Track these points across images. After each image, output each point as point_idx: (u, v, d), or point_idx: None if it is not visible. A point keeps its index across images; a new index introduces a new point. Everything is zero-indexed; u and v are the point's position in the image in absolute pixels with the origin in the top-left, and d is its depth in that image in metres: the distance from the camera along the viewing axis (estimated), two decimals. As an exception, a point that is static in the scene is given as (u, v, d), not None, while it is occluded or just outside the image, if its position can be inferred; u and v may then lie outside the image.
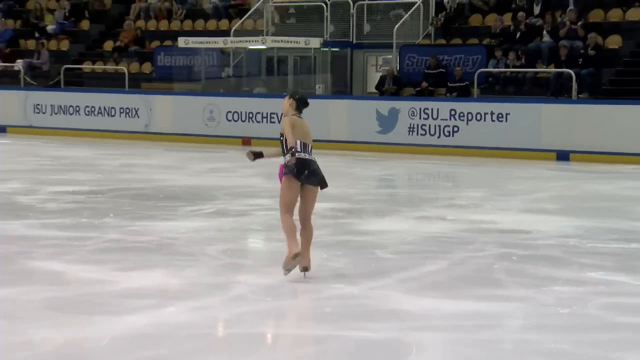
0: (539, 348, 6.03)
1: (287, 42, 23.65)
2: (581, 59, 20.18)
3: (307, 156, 7.56)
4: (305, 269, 7.60)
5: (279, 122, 21.57)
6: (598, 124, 18.71)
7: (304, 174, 7.51)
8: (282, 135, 7.65)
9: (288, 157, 7.48)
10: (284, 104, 7.84)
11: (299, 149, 7.50)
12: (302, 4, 25.83)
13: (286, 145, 7.53)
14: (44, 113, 24.82)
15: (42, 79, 26.70)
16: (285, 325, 6.65)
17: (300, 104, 7.78)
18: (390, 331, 6.35)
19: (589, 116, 18.96)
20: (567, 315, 6.83)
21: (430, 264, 8.55)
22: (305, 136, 7.63)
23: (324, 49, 23.87)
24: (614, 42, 21.07)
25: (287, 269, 7.47)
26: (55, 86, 26.07)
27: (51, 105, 24.73)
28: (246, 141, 21.80)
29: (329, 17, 24.21)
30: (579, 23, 21.13)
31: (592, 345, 6.08)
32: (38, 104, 24.93)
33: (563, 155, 18.83)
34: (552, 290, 7.57)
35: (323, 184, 7.68)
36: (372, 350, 5.99)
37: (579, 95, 19.86)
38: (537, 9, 22.33)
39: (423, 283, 7.86)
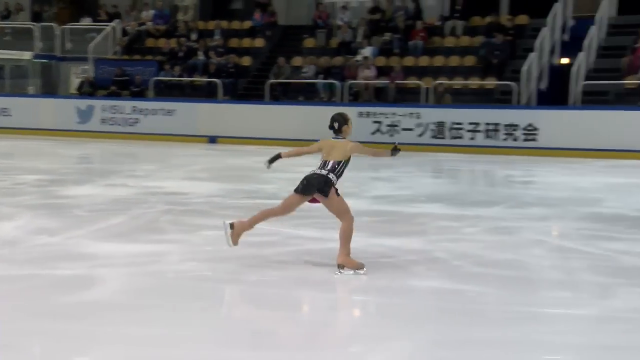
0: (190, 275, 6.04)
1: (5, 54, 22.36)
2: (225, 72, 20.51)
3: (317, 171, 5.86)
4: (338, 265, 5.90)
5: None
6: (236, 117, 19.12)
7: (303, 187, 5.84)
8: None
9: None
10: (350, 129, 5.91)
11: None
12: (15, 25, 24.22)
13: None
14: None
15: None
16: (-1, 269, 6.15)
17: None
18: (82, 269, 6.08)
19: (230, 112, 19.31)
20: (211, 251, 6.85)
21: (114, 219, 8.25)
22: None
23: (35, 60, 22.67)
24: (246, 61, 21.57)
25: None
26: None
27: None
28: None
29: (38, 36, 22.94)
30: (223, 47, 21.50)
31: (229, 272, 6.15)
32: None
33: (212, 139, 19.05)
34: (201, 234, 7.60)
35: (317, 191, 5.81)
36: (67, 283, 5.72)
37: (223, 97, 20.18)
38: (194, 36, 22.40)
39: (109, 232, 7.59)
